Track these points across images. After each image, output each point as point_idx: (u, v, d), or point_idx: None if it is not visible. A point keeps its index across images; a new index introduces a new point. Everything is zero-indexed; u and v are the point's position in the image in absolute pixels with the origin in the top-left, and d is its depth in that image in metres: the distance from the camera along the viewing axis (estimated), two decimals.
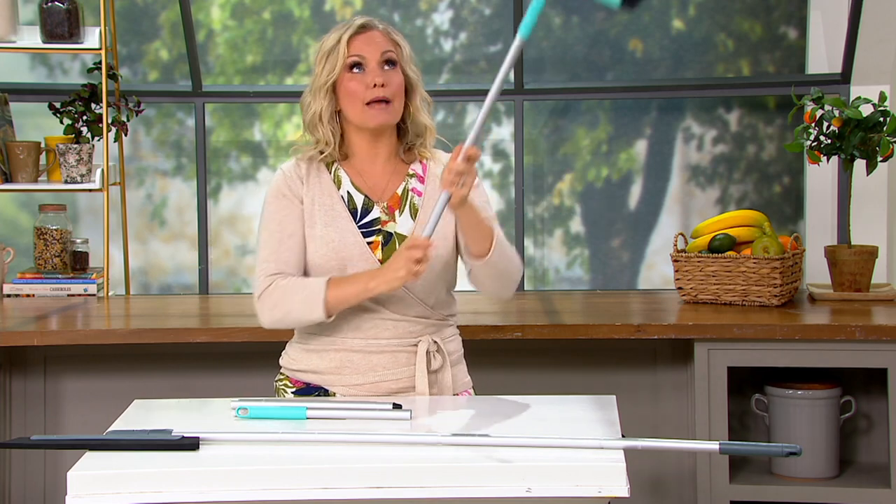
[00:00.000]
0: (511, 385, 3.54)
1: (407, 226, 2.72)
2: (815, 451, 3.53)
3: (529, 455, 2.22)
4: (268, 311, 2.68)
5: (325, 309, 2.63)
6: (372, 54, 2.68)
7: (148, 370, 3.68)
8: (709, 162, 4.99)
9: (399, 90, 2.70)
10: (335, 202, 2.72)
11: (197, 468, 2.18)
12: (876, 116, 3.80)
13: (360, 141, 2.75)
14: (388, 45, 2.70)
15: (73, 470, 2.17)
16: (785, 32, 4.94)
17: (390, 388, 2.72)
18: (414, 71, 2.74)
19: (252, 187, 4.99)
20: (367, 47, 2.69)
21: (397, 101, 2.70)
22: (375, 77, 2.67)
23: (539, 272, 5.02)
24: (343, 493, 2.16)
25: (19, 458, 3.67)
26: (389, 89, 2.67)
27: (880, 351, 3.41)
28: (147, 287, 5.01)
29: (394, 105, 2.69)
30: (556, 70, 4.96)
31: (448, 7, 4.97)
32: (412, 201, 2.74)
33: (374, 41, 2.70)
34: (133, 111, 4.31)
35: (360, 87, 2.68)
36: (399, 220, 2.72)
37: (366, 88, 2.67)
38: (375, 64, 2.68)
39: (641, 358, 3.70)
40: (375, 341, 2.70)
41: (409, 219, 2.73)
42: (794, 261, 3.79)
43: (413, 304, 2.71)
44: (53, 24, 4.14)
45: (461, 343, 2.83)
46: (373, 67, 2.68)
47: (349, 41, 2.69)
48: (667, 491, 3.70)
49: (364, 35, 2.70)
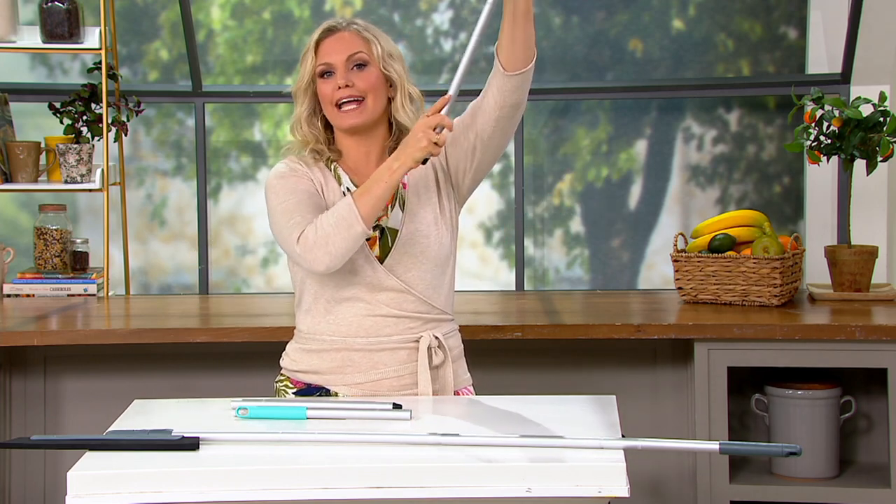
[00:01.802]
0: (511, 385, 3.54)
1: (397, 218, 2.72)
2: (815, 451, 3.53)
3: (529, 455, 2.22)
4: (310, 253, 2.58)
5: (362, 218, 2.57)
6: (338, 58, 2.69)
7: (148, 370, 3.68)
8: (709, 162, 4.99)
9: (370, 88, 2.69)
10: (336, 198, 2.72)
11: (197, 468, 2.18)
12: (876, 116, 3.80)
13: (348, 141, 2.76)
14: (357, 46, 2.70)
15: (73, 470, 2.17)
16: (785, 32, 4.94)
17: (392, 385, 2.72)
18: (394, 68, 2.72)
19: (252, 187, 4.99)
20: (334, 53, 2.70)
21: (370, 100, 2.69)
22: (340, 79, 2.68)
23: (539, 272, 5.02)
24: (343, 493, 2.16)
25: (19, 458, 3.67)
26: (356, 89, 2.68)
27: (880, 351, 3.41)
28: (147, 287, 5.01)
29: (366, 104, 2.69)
30: (556, 70, 4.96)
31: (448, 7, 4.97)
32: (401, 193, 2.74)
33: (341, 43, 2.70)
34: (133, 111, 4.31)
35: (329, 90, 2.70)
36: (391, 215, 2.73)
37: (333, 90, 2.69)
38: (342, 66, 2.69)
39: (641, 358, 3.70)
40: (376, 339, 2.70)
41: (399, 211, 2.73)
42: (794, 261, 3.80)
43: (413, 300, 2.71)
44: (53, 24, 4.14)
45: (461, 339, 2.83)
46: (339, 69, 2.69)
47: (318, 45, 2.72)
48: (667, 491, 3.70)
49: (332, 37, 2.72)
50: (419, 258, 2.70)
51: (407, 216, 2.72)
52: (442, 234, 2.73)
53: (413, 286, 2.71)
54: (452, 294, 2.81)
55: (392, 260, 2.70)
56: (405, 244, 2.70)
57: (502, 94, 2.65)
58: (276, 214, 2.67)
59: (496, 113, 2.67)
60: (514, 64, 2.62)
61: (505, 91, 2.64)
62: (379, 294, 2.69)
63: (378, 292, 2.69)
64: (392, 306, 2.70)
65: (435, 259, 2.72)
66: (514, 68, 2.62)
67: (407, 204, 2.73)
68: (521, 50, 2.61)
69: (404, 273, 2.70)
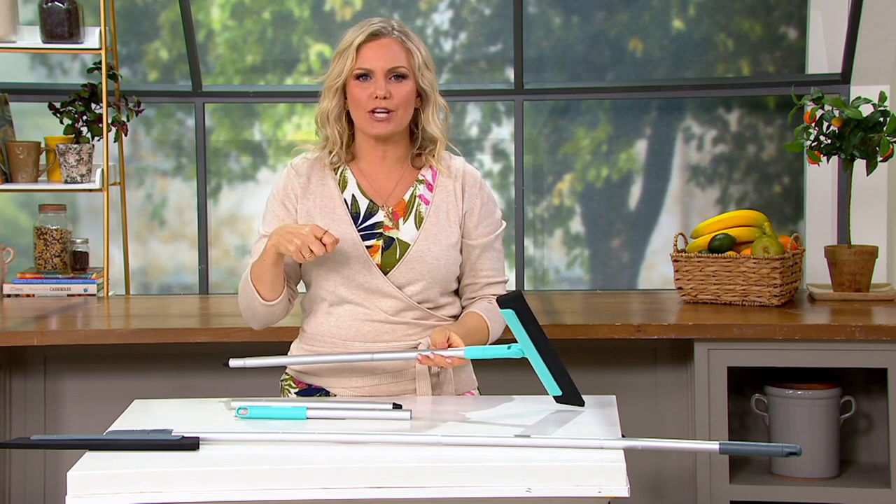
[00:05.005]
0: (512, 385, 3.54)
1: (410, 233, 2.71)
2: (815, 451, 3.53)
3: (529, 455, 2.22)
4: (243, 314, 2.75)
5: (258, 293, 2.66)
6: (379, 67, 2.67)
7: (148, 370, 3.68)
8: (709, 162, 4.99)
9: (404, 101, 2.68)
10: (336, 204, 2.72)
11: (197, 468, 2.18)
12: (876, 116, 3.80)
13: (367, 144, 2.75)
14: (399, 57, 2.68)
15: (73, 470, 2.17)
16: (785, 32, 4.94)
17: (391, 390, 2.72)
18: (427, 78, 2.71)
19: (252, 187, 4.99)
20: (376, 59, 2.67)
21: (401, 112, 2.69)
22: (378, 89, 2.66)
23: (539, 272, 5.02)
24: (343, 493, 2.16)
25: (19, 458, 3.67)
26: (392, 101, 2.67)
27: (880, 351, 3.41)
28: (147, 287, 5.01)
29: (397, 115, 2.68)
30: (556, 70, 4.96)
31: (448, 7, 4.97)
32: (418, 209, 2.73)
33: (385, 51, 2.68)
34: (133, 111, 4.31)
35: (364, 96, 2.67)
36: (403, 227, 2.72)
37: (369, 97, 2.67)
38: (381, 76, 2.67)
39: (641, 358, 3.70)
40: (375, 344, 2.70)
41: (414, 226, 2.72)
42: (794, 261, 3.80)
43: (411, 307, 2.70)
44: (53, 24, 4.14)
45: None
46: (378, 78, 2.67)
47: (360, 48, 2.68)
48: (667, 491, 3.70)
49: (375, 43, 2.68)
50: (426, 276, 2.69)
51: (423, 233, 2.71)
52: (455, 258, 2.73)
53: (416, 299, 2.70)
54: (456, 300, 2.80)
55: (397, 272, 2.69)
56: (414, 260, 2.69)
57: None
58: (261, 222, 2.77)
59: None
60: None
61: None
62: (379, 301, 2.69)
63: (378, 299, 2.69)
64: (391, 313, 2.69)
65: (442, 280, 2.72)
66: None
67: (426, 222, 2.73)
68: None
69: (408, 286, 2.69)
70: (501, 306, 2.45)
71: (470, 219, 2.75)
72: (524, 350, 2.50)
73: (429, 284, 2.69)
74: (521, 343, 2.49)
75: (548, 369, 2.52)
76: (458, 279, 2.78)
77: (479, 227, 2.75)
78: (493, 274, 2.78)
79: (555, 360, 2.51)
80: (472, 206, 2.75)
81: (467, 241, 2.75)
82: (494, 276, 2.78)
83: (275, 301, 2.67)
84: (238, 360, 2.69)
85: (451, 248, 2.72)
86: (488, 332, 2.72)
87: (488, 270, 2.77)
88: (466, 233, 2.75)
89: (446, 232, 2.71)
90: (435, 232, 2.71)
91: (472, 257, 2.76)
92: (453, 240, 2.72)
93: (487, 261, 2.77)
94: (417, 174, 2.76)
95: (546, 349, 2.49)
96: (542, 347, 2.49)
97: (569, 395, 2.55)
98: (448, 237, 2.71)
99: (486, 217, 2.76)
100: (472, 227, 2.75)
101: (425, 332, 2.71)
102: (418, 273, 2.69)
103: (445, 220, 2.72)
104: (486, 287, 2.77)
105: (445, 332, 2.59)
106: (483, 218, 2.76)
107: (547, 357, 2.50)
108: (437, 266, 2.69)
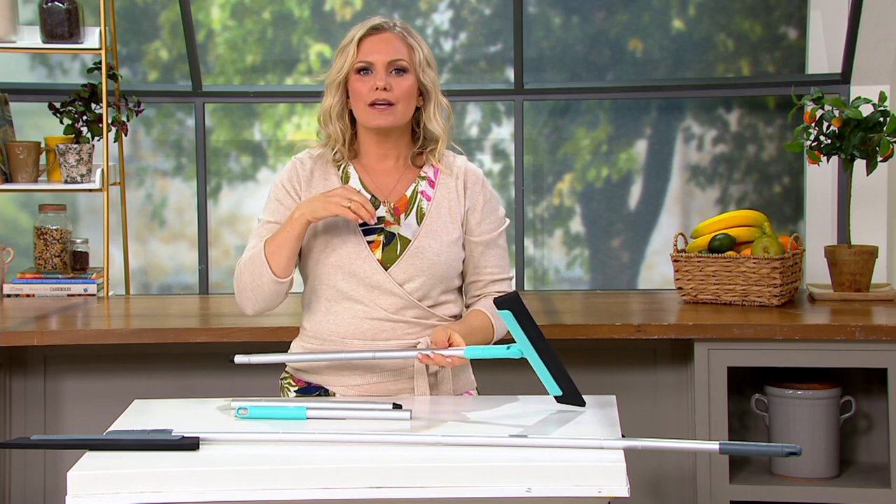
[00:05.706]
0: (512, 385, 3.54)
1: (412, 228, 2.72)
2: (815, 451, 3.53)
3: (529, 455, 2.22)
4: (238, 297, 2.72)
5: (269, 265, 2.64)
6: (380, 59, 2.68)
7: (148, 370, 3.68)
8: (709, 162, 4.99)
9: (405, 95, 2.69)
10: None
11: (197, 468, 2.18)
12: (876, 116, 3.80)
13: (369, 140, 2.76)
14: (401, 51, 2.69)
15: (73, 470, 2.17)
16: (785, 32, 4.94)
17: (389, 388, 2.72)
18: (429, 76, 2.72)
19: (252, 187, 4.99)
20: (376, 52, 2.68)
21: (402, 105, 2.69)
22: (379, 80, 2.67)
23: (539, 272, 5.02)
24: (343, 493, 2.16)
25: (19, 458, 3.67)
26: (392, 94, 2.67)
27: (880, 351, 3.41)
28: (147, 287, 5.01)
29: (397, 109, 2.69)
30: (556, 70, 4.96)
31: (448, 7, 4.97)
32: (420, 205, 2.74)
33: (385, 44, 2.69)
34: (133, 111, 4.31)
35: (365, 89, 2.68)
36: (404, 223, 2.72)
37: (369, 90, 2.68)
38: (382, 69, 2.68)
39: (641, 358, 3.70)
40: (374, 343, 2.70)
41: (415, 222, 2.72)
42: (794, 261, 3.80)
43: (411, 305, 2.70)
44: (53, 24, 4.14)
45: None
46: (379, 71, 2.68)
47: (360, 41, 2.69)
48: (667, 491, 3.70)
49: (376, 37, 2.70)
50: (427, 272, 2.70)
51: (424, 229, 2.72)
52: (456, 255, 2.74)
53: (416, 296, 2.70)
54: (457, 299, 2.80)
55: (398, 268, 2.69)
56: (415, 255, 2.69)
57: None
58: (262, 214, 2.77)
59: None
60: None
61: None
62: (378, 298, 2.69)
63: (377, 296, 2.69)
64: (391, 311, 2.70)
65: (442, 277, 2.72)
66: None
67: (427, 218, 2.73)
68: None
69: (409, 283, 2.70)
70: (499, 307, 2.45)
71: (472, 216, 2.75)
72: (523, 350, 2.50)
73: (429, 281, 2.70)
74: (520, 343, 2.49)
75: (547, 369, 2.52)
76: (461, 277, 2.79)
77: (482, 224, 2.76)
78: (498, 271, 2.78)
79: (554, 360, 2.51)
80: (475, 203, 2.75)
81: (470, 238, 2.75)
82: (499, 272, 2.78)
83: (285, 279, 2.67)
84: (243, 357, 2.69)
85: (452, 244, 2.72)
86: (493, 330, 2.72)
87: (492, 267, 2.77)
88: (469, 230, 2.75)
89: (447, 228, 2.72)
90: (436, 228, 2.71)
91: (476, 254, 2.76)
92: (454, 236, 2.73)
93: (491, 258, 2.77)
94: (419, 171, 2.77)
95: (544, 349, 2.49)
96: (541, 347, 2.49)
97: (569, 394, 2.55)
98: (449, 233, 2.72)
99: (489, 214, 2.77)
100: (474, 224, 2.75)
101: (425, 331, 2.71)
102: (419, 269, 2.69)
103: (447, 217, 2.73)
104: (490, 284, 2.78)
105: (447, 331, 2.59)
106: (486, 215, 2.76)
107: (545, 357, 2.50)
108: (438, 262, 2.69)
